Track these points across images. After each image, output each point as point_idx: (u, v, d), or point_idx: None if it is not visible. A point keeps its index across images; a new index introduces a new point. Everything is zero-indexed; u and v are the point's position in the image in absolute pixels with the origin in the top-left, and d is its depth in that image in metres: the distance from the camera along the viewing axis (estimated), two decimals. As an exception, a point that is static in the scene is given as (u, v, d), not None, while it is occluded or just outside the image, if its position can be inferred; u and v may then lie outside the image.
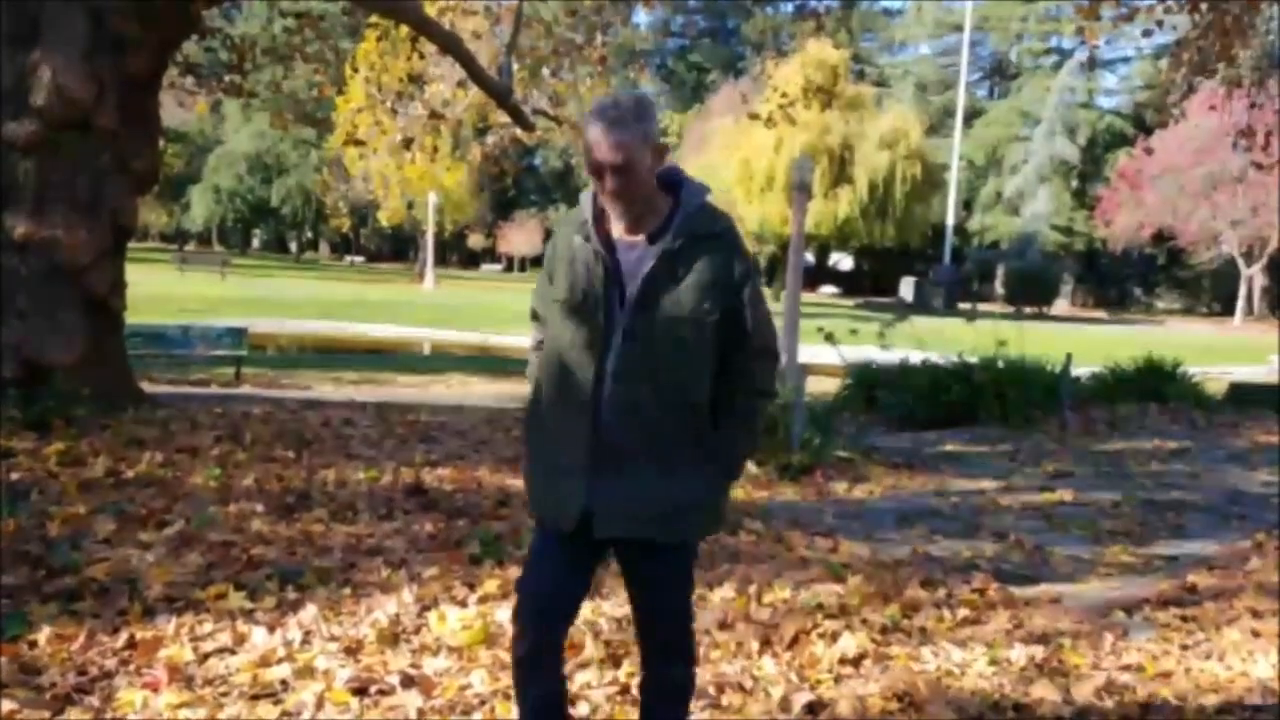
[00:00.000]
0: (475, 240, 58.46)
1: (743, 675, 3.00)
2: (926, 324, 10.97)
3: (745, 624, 3.40)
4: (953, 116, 45.81)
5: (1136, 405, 10.24)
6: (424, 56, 11.88)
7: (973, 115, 51.52)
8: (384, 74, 12.52)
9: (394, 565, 3.88)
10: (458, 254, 62.96)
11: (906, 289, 41.98)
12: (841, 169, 38.34)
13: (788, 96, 12.69)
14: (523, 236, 54.35)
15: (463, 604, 3.47)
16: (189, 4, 7.35)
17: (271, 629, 3.16)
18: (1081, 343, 15.83)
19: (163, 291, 22.41)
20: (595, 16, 12.97)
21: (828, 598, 3.70)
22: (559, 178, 58.90)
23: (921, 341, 9.76)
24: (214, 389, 9.94)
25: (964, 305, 34.61)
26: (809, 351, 9.98)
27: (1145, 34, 10.61)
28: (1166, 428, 9.31)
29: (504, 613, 3.21)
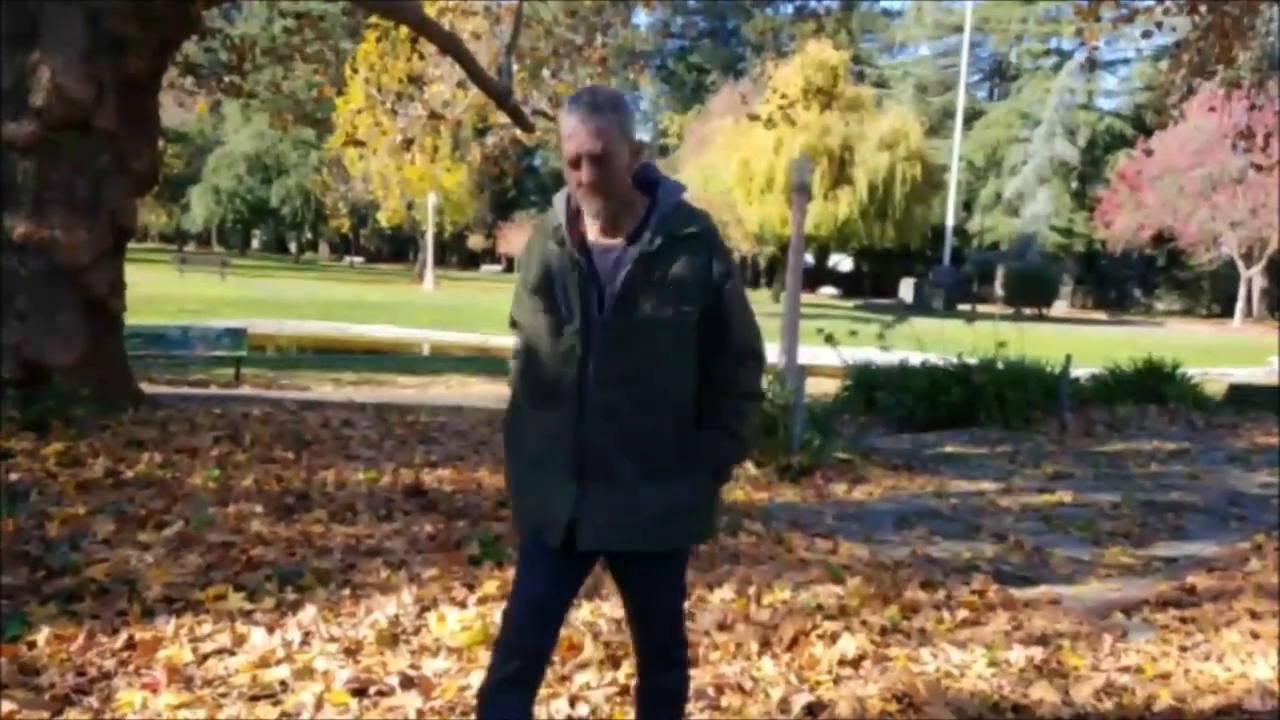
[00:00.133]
0: (475, 241, 58.47)
1: (742, 676, 3.00)
2: (926, 325, 10.97)
3: (745, 625, 3.40)
4: (952, 118, 45.84)
5: (1136, 406, 10.26)
6: (424, 57, 11.90)
7: (972, 116, 51.55)
8: (384, 74, 12.53)
9: (393, 566, 3.88)
10: (457, 255, 62.97)
11: (906, 290, 42.04)
12: (841, 170, 38.40)
13: (788, 98, 12.72)
14: (523, 237, 54.13)
15: (462, 605, 3.47)
16: (188, 4, 7.35)
17: (271, 630, 3.16)
18: (1081, 344, 15.83)
19: (162, 292, 22.43)
20: (595, 17, 12.97)
21: (827, 599, 3.70)
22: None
23: (921, 343, 9.76)
24: (213, 390, 9.94)
25: (964, 306, 34.69)
26: (809, 353, 9.97)
27: (1144, 35, 10.64)
28: (1166, 429, 9.33)
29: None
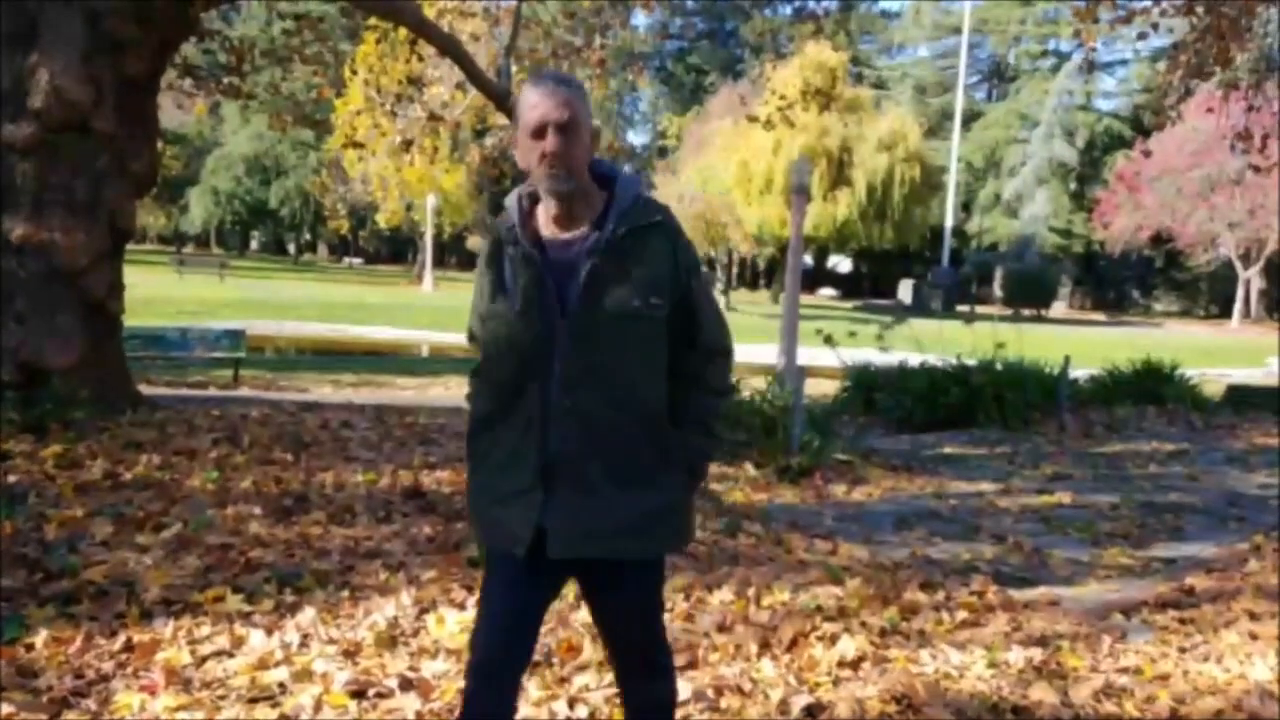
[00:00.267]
0: (474, 242, 58.28)
1: (741, 678, 3.00)
2: (925, 326, 10.97)
3: (744, 626, 3.40)
4: (951, 119, 45.90)
5: (1134, 407, 10.27)
6: (423, 59, 11.89)
7: (971, 118, 51.59)
8: (383, 76, 12.52)
9: (392, 568, 3.87)
10: (456, 256, 62.89)
11: (905, 291, 42.07)
12: (840, 171, 38.44)
13: (786, 99, 12.70)
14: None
15: (461, 607, 3.47)
16: (187, 6, 7.34)
17: (269, 632, 3.16)
18: (1079, 345, 15.84)
19: (161, 294, 22.42)
20: (594, 19, 12.97)
21: (826, 600, 3.69)
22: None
23: (920, 344, 9.76)
24: (212, 391, 9.94)
25: (962, 307, 34.72)
26: (808, 354, 9.97)
27: (1140, 36, 10.64)
28: (1164, 430, 9.33)
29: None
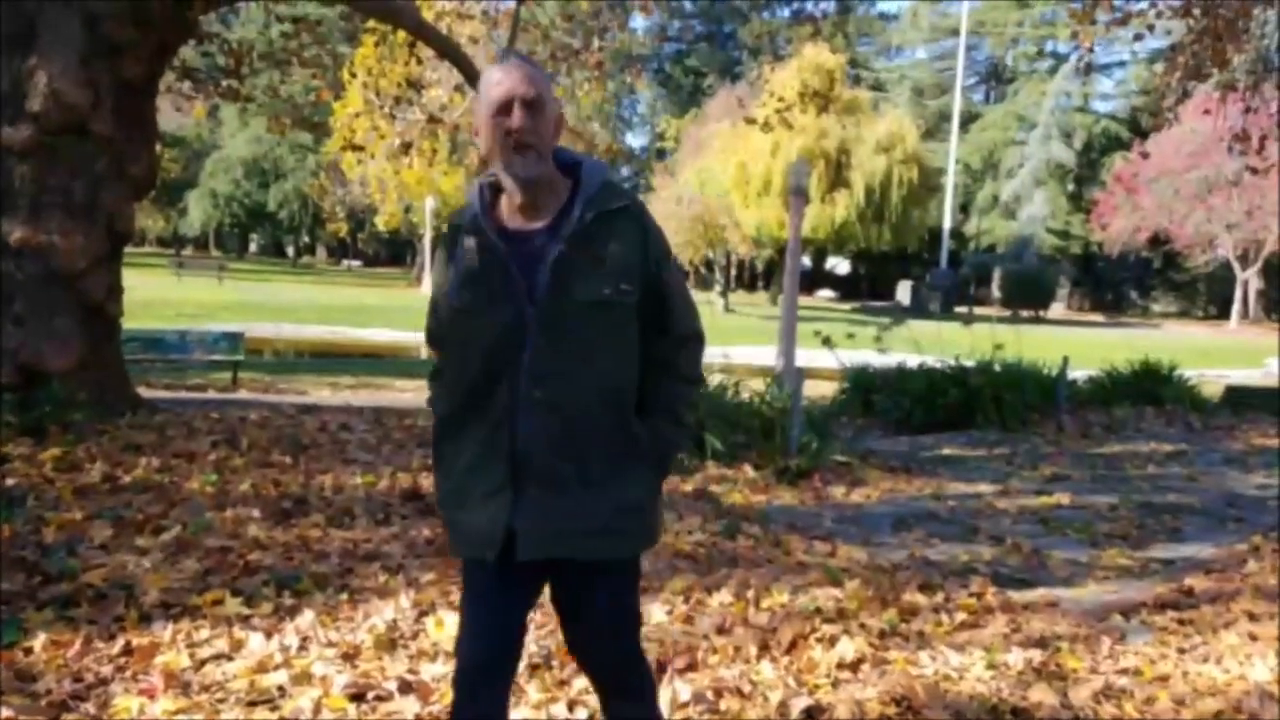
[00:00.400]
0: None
1: (741, 680, 2.99)
2: (923, 328, 10.98)
3: (743, 628, 3.40)
4: (949, 120, 45.94)
5: (1133, 408, 10.28)
6: (421, 61, 11.90)
7: (969, 119, 51.62)
8: (381, 79, 12.52)
9: (391, 571, 3.87)
10: (455, 258, 62.96)
11: (903, 293, 42.08)
12: (838, 173, 38.44)
13: (784, 101, 12.72)
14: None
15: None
16: (186, 8, 7.35)
17: (268, 635, 3.15)
18: (1078, 346, 15.84)
19: (160, 296, 22.42)
20: (592, 21, 12.99)
21: (826, 602, 3.69)
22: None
23: (918, 345, 9.77)
24: (211, 394, 9.93)
25: (961, 309, 34.73)
26: (806, 355, 9.98)
27: (1137, 38, 10.65)
28: (1163, 431, 9.34)
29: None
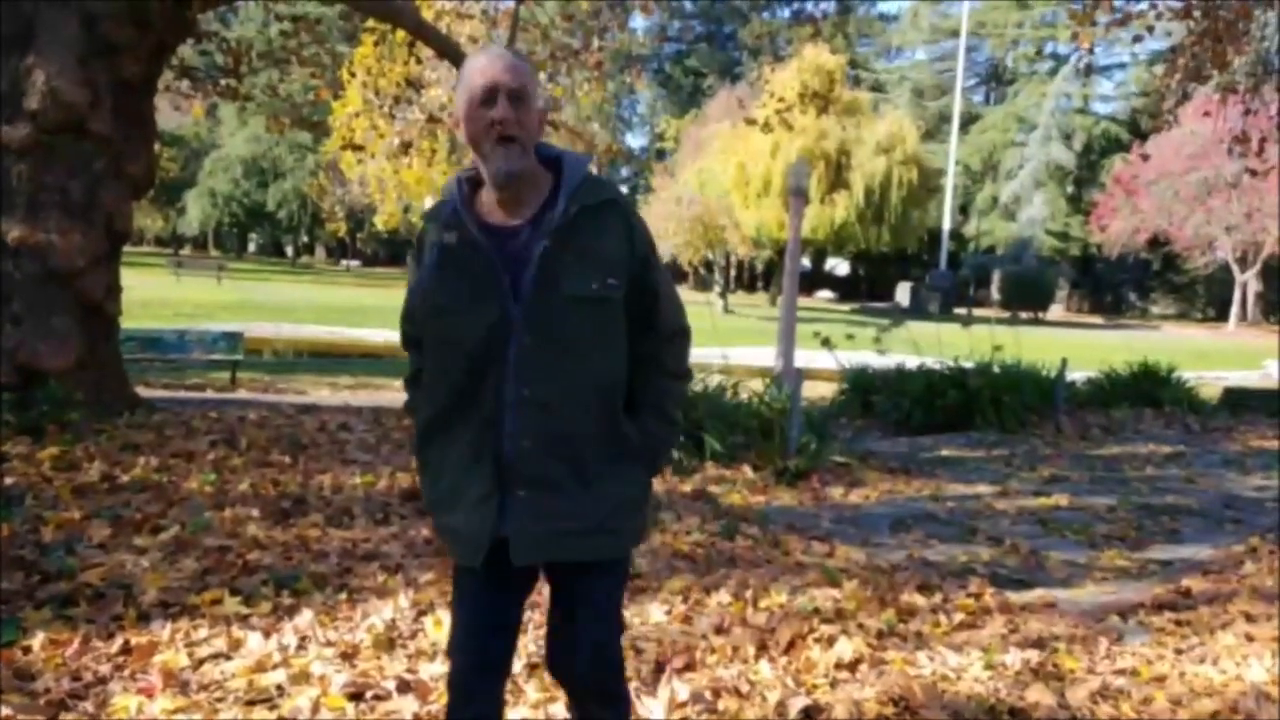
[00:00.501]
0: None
1: (739, 680, 3.00)
2: (922, 329, 10.98)
3: (742, 628, 3.40)
4: (949, 122, 45.97)
5: (1131, 410, 10.29)
6: (421, 61, 11.90)
7: (969, 121, 51.65)
8: (381, 78, 12.51)
9: (390, 570, 3.87)
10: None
11: (903, 294, 42.09)
12: (838, 174, 38.44)
13: (784, 102, 12.72)
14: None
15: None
16: (184, 7, 7.35)
17: (267, 634, 3.15)
18: (1077, 347, 15.86)
19: (158, 296, 22.41)
20: (592, 21, 12.98)
21: (824, 602, 3.70)
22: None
23: (917, 346, 9.78)
24: (210, 393, 9.93)
25: (960, 310, 34.73)
26: (805, 356, 9.99)
27: (1136, 39, 10.65)
28: (1161, 432, 9.35)
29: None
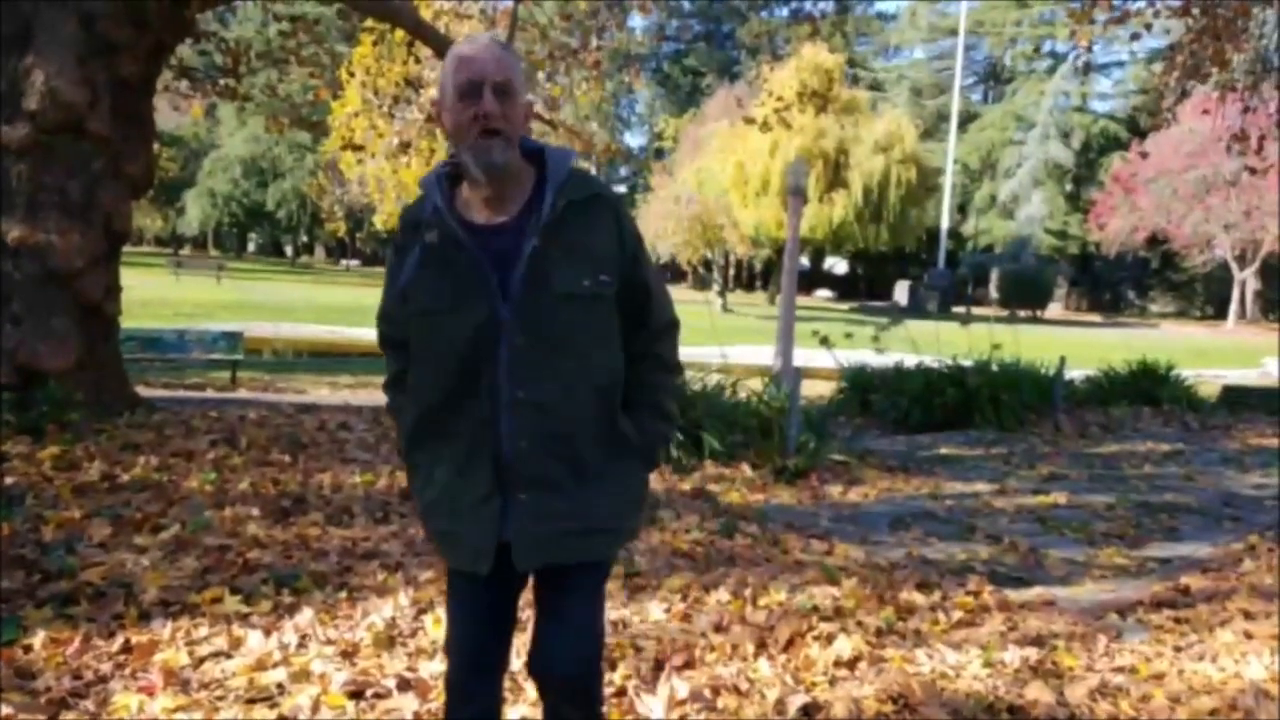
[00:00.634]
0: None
1: (738, 678, 3.00)
2: (921, 327, 10.99)
3: (741, 626, 3.41)
4: (947, 120, 45.95)
5: (1130, 408, 10.29)
6: (420, 61, 11.90)
7: (967, 119, 51.64)
8: (380, 78, 12.52)
9: (390, 569, 3.88)
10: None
11: (901, 293, 42.10)
12: (836, 173, 38.45)
13: (783, 101, 12.73)
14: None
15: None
16: (183, 7, 7.34)
17: (267, 633, 3.16)
18: (1075, 346, 15.88)
19: (158, 295, 22.41)
20: (590, 20, 12.98)
21: (823, 600, 3.70)
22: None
23: (916, 345, 9.78)
24: (209, 393, 9.93)
25: (958, 309, 34.74)
26: (804, 355, 10.00)
27: (1134, 37, 10.63)
28: (1160, 430, 9.36)
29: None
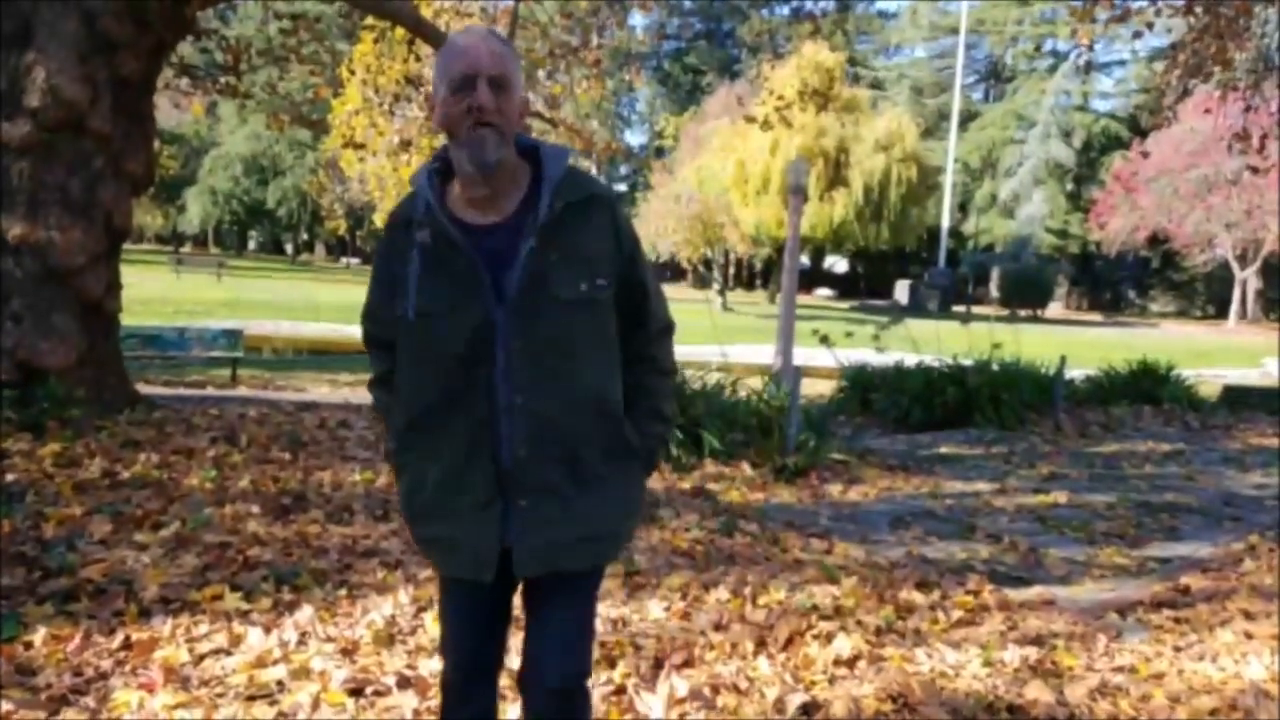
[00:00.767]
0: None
1: (738, 676, 3.00)
2: (921, 326, 10.99)
3: (740, 625, 3.41)
4: (948, 119, 45.93)
5: (1130, 408, 10.28)
6: (420, 59, 11.89)
7: (968, 118, 51.62)
8: (380, 76, 12.51)
9: (390, 566, 3.88)
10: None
11: (901, 292, 42.10)
12: (837, 172, 38.41)
13: (784, 99, 12.71)
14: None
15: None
16: (183, 5, 7.34)
17: (267, 630, 3.16)
18: (1076, 345, 15.88)
19: (159, 293, 22.41)
20: (591, 19, 12.98)
21: (823, 599, 3.71)
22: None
23: (916, 344, 9.78)
24: (210, 391, 9.93)
25: (959, 308, 34.74)
26: (804, 354, 10.00)
27: (1135, 35, 10.63)
28: (1160, 430, 9.35)
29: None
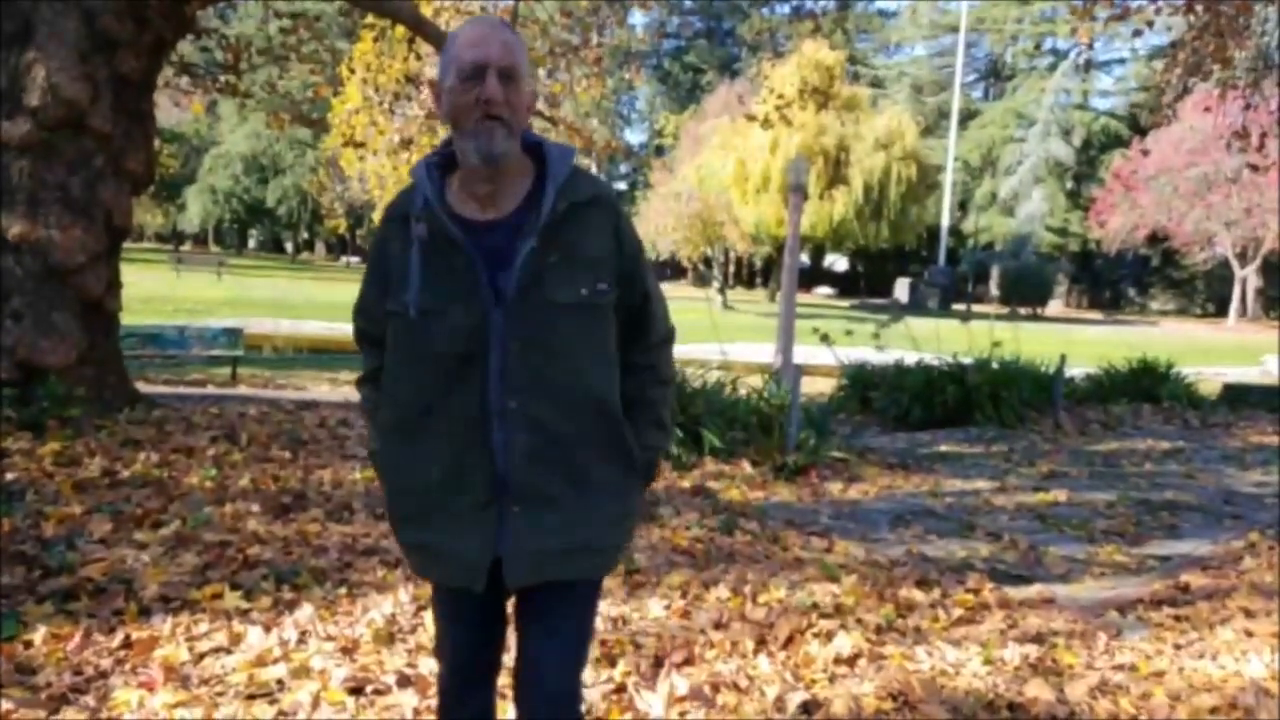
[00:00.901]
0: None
1: (738, 675, 3.00)
2: (921, 325, 10.99)
3: (741, 623, 3.41)
4: (948, 118, 45.93)
5: (1130, 406, 10.29)
6: (420, 57, 11.89)
7: (968, 116, 51.61)
8: (380, 75, 12.50)
9: (390, 565, 3.88)
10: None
11: (901, 290, 42.11)
12: (837, 170, 38.41)
13: (784, 98, 12.70)
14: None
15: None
16: (183, 4, 7.33)
17: (267, 629, 3.16)
18: (1076, 343, 15.88)
19: (159, 292, 22.42)
20: (591, 17, 12.97)
21: (823, 597, 3.71)
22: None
23: (916, 342, 9.79)
24: (210, 389, 9.93)
25: (959, 306, 34.75)
26: (804, 352, 10.00)
27: (1135, 34, 10.62)
28: (1160, 428, 9.36)
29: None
